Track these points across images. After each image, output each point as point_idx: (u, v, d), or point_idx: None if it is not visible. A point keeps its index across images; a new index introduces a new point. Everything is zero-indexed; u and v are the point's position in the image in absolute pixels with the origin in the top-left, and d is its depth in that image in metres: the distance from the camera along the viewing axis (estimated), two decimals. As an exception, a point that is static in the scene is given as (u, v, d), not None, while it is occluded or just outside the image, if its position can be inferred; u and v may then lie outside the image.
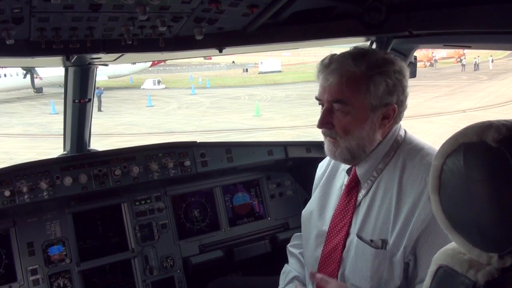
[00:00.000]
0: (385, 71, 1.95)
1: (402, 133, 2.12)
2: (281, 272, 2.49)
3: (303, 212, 2.46)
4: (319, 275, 2.06)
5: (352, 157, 2.05)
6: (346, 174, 2.23)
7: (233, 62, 64.17)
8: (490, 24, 1.89)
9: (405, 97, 2.04)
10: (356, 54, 2.00)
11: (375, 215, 2.01)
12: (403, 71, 2.00)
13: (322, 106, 2.08)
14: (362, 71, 1.94)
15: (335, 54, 2.05)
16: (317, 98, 2.10)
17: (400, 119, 2.08)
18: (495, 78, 39.71)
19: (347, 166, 2.24)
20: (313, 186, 2.53)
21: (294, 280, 2.38)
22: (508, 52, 49.02)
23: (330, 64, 2.00)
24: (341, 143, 2.02)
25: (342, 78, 1.94)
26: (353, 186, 2.15)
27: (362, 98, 1.95)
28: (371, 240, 1.97)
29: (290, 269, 2.46)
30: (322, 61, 2.06)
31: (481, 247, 1.26)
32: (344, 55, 2.03)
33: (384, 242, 1.94)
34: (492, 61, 50.65)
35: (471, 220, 1.25)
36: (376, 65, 1.95)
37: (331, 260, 2.12)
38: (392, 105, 1.99)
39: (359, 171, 2.12)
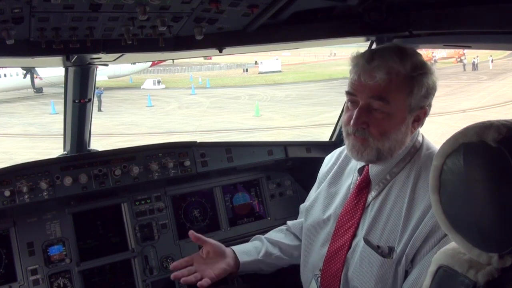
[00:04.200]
0: (425, 73, 1.92)
1: (420, 138, 2.07)
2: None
3: (302, 206, 2.48)
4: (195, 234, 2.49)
5: (377, 159, 1.97)
6: (357, 173, 2.17)
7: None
8: (490, 24, 1.89)
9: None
10: (399, 52, 1.93)
11: (384, 220, 1.97)
12: (436, 75, 1.98)
13: (352, 102, 1.98)
14: (407, 71, 1.88)
15: (374, 49, 1.97)
16: (349, 93, 1.97)
17: (423, 123, 2.03)
18: (495, 78, 39.68)
19: (355, 165, 2.19)
20: (317, 180, 2.48)
21: (254, 240, 2.59)
22: (508, 52, 48.96)
23: (373, 60, 1.90)
24: (372, 144, 1.93)
25: (390, 76, 1.86)
26: (363, 186, 2.10)
27: (404, 99, 1.89)
28: (378, 246, 1.93)
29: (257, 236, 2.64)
30: (363, 55, 1.96)
31: (481, 247, 1.26)
32: (386, 51, 1.94)
33: (391, 250, 1.89)
34: (492, 61, 50.57)
35: (471, 220, 1.25)
36: (419, 66, 1.91)
37: (336, 259, 2.09)
38: (425, 108, 1.96)
39: (372, 171, 2.06)
